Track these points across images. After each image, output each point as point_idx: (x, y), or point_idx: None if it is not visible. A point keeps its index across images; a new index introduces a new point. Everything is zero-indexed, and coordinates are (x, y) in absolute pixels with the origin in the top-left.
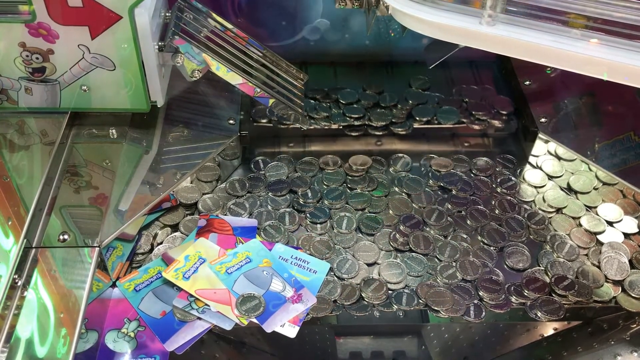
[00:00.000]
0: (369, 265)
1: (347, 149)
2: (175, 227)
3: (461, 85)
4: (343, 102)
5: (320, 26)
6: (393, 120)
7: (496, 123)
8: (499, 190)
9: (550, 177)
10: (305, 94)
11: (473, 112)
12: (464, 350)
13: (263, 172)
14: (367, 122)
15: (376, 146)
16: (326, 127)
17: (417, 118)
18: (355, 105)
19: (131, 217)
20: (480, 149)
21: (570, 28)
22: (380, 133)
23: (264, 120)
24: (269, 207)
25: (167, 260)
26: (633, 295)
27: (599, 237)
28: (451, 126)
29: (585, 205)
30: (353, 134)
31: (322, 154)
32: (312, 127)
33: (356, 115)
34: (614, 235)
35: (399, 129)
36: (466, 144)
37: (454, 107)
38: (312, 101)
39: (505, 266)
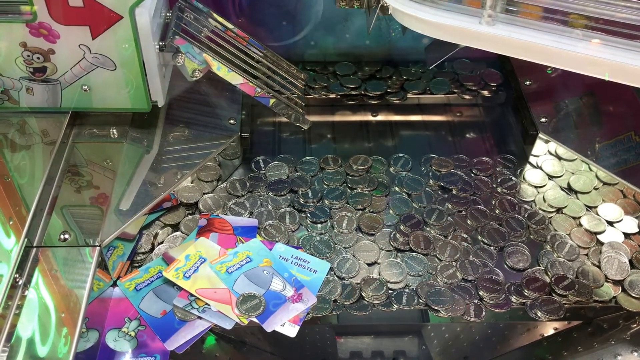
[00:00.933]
0: (369, 264)
1: (344, 119)
2: (175, 227)
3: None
4: (340, 73)
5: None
6: (388, 90)
7: (485, 93)
8: (499, 190)
9: (551, 177)
10: (303, 67)
11: (464, 83)
12: (464, 350)
13: (263, 171)
14: (363, 92)
15: (372, 117)
16: (324, 97)
17: (411, 90)
18: (352, 77)
19: (132, 217)
20: (471, 119)
21: (571, 28)
22: (376, 102)
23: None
24: (270, 207)
25: (167, 260)
26: (633, 295)
27: (599, 237)
28: (443, 96)
29: (586, 205)
30: (350, 102)
31: (321, 124)
32: (310, 97)
33: (353, 85)
34: (614, 235)
35: (394, 99)
36: (458, 114)
37: (446, 78)
38: (311, 72)
39: (506, 266)
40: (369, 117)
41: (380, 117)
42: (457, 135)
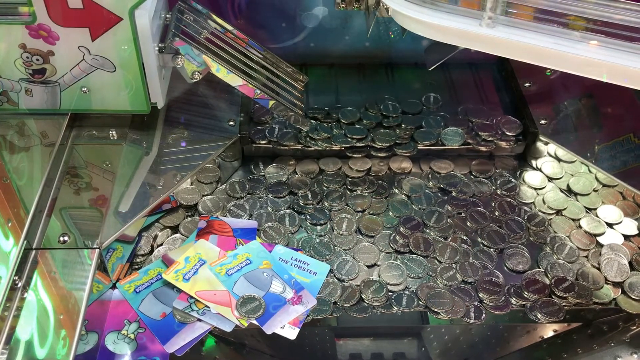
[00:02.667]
0: (369, 266)
1: (350, 166)
2: (175, 229)
3: (467, 104)
4: (344, 121)
5: (319, 13)
6: (397, 141)
7: (503, 145)
8: (499, 192)
9: (550, 179)
10: (305, 113)
11: (479, 133)
12: (464, 352)
13: (263, 173)
14: (370, 144)
15: (380, 166)
16: (327, 149)
17: (421, 141)
18: (357, 125)
19: (131, 219)
20: (486, 168)
21: (570, 30)
22: (384, 155)
23: (264, 142)
24: (269, 209)
25: (167, 262)
26: (633, 297)
27: (598, 238)
28: (457, 147)
29: (585, 207)
30: (356, 155)
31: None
32: (312, 149)
33: (358, 137)
34: (614, 237)
35: (403, 151)
36: (474, 162)
37: (459, 127)
38: (312, 121)
39: (505, 268)
40: (377, 167)
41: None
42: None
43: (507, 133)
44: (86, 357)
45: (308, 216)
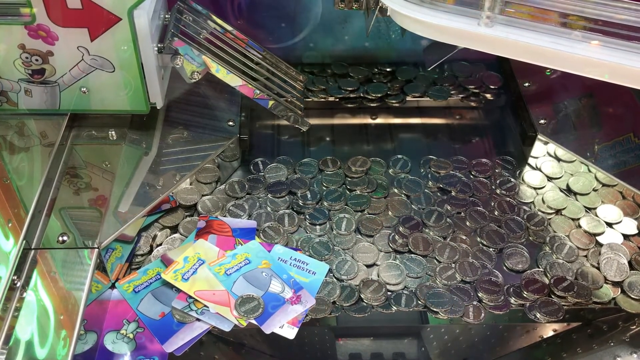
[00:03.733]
0: (368, 266)
1: (343, 122)
2: (174, 229)
3: (452, 62)
4: (337, 72)
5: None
6: (388, 92)
7: (488, 97)
8: (498, 191)
9: (550, 179)
10: (302, 69)
11: (466, 87)
12: (464, 352)
13: (262, 173)
14: (362, 95)
15: (371, 120)
16: (323, 99)
17: (410, 92)
18: (350, 79)
19: (130, 219)
20: (470, 121)
21: (570, 29)
22: (375, 105)
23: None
24: (268, 209)
25: (166, 262)
26: (632, 296)
27: (598, 238)
28: (443, 104)
29: (585, 207)
30: (349, 105)
31: (320, 127)
32: (309, 99)
33: (351, 88)
34: (614, 237)
35: (393, 101)
36: (457, 117)
37: (445, 84)
38: (309, 75)
39: (505, 267)
40: (369, 120)
41: (380, 120)
42: (456, 137)
43: (490, 86)
44: (85, 356)
45: (307, 216)
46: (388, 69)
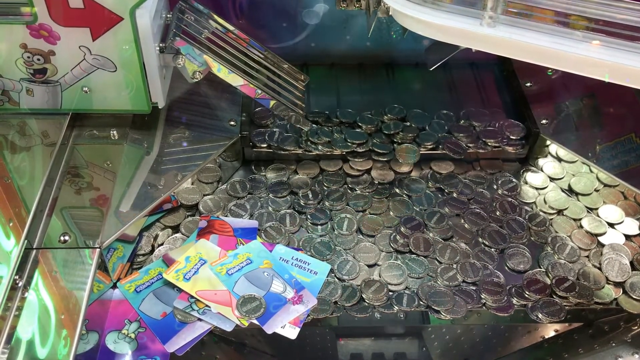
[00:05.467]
0: (369, 266)
1: (351, 173)
2: (176, 229)
3: (469, 107)
4: (343, 120)
5: (319, 10)
6: (400, 142)
7: (510, 150)
8: (500, 192)
9: (552, 179)
10: (306, 115)
11: (484, 140)
12: (465, 352)
13: (264, 173)
14: (371, 148)
15: (379, 170)
16: (328, 153)
17: (423, 143)
18: (357, 130)
19: (132, 219)
20: (491, 172)
21: (572, 29)
22: (385, 159)
23: (264, 145)
24: (270, 209)
25: (167, 262)
26: (634, 297)
27: (600, 238)
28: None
29: (586, 207)
30: (357, 159)
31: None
32: (313, 153)
33: (359, 141)
34: (615, 237)
35: (403, 161)
36: (478, 169)
37: (461, 133)
38: (314, 125)
39: (506, 268)
40: (376, 172)
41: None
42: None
43: (512, 137)
44: (87, 356)
45: (309, 216)
46: (398, 117)
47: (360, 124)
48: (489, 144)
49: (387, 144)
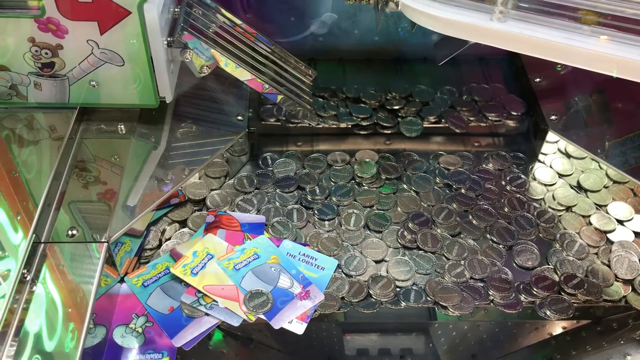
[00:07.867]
0: (377, 262)
1: (356, 148)
2: (183, 223)
3: (470, 83)
4: (349, 95)
5: (328, 20)
6: (403, 116)
7: (510, 123)
8: (508, 188)
9: (560, 175)
10: (312, 92)
11: (485, 114)
12: (472, 348)
13: (271, 168)
14: (375, 121)
15: (385, 145)
16: (334, 126)
17: (426, 116)
18: (362, 105)
19: (139, 213)
20: (490, 149)
21: (582, 25)
22: (389, 132)
23: (272, 120)
24: (277, 204)
25: (175, 256)
26: None
27: (609, 235)
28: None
29: (595, 204)
30: (362, 132)
31: (332, 152)
32: (320, 126)
33: (363, 115)
34: (625, 234)
35: (407, 133)
36: (476, 144)
37: (463, 107)
38: (320, 99)
39: (515, 264)
40: (382, 146)
41: (394, 146)
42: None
43: (513, 112)
44: (94, 350)
45: (316, 211)
46: (402, 95)
47: (364, 100)
48: (490, 118)
49: (391, 118)
